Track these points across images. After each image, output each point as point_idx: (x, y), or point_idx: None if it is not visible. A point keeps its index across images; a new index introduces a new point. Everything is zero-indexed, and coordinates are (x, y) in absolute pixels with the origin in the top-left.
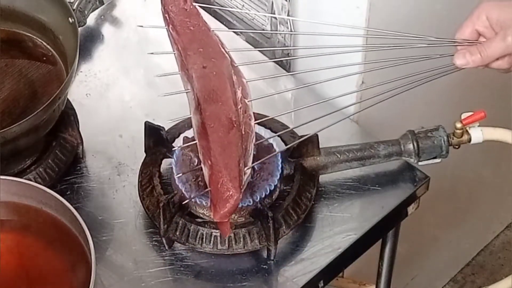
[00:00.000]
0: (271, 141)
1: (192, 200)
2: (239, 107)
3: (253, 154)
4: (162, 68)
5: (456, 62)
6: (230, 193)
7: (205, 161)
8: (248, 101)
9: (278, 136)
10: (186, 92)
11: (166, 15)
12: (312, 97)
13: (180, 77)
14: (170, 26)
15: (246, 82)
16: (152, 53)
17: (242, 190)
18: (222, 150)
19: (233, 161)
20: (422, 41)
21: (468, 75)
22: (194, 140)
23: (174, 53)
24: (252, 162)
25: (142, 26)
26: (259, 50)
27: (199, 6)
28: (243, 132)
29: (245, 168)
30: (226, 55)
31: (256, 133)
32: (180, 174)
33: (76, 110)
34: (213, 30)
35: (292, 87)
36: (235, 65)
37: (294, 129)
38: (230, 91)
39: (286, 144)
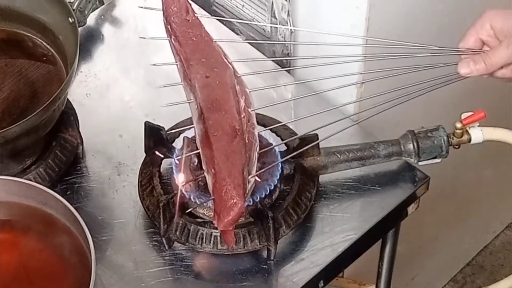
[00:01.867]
0: (271, 141)
1: (192, 199)
2: (242, 116)
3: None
4: (162, 68)
5: (460, 71)
6: (234, 201)
7: (209, 169)
8: (252, 111)
9: (278, 136)
10: (189, 102)
11: (169, 26)
12: (313, 99)
13: (183, 87)
14: (173, 37)
15: (249, 92)
16: (154, 64)
17: (247, 198)
18: (226, 158)
19: (236, 169)
20: (425, 50)
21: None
22: (194, 140)
23: (177, 64)
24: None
25: (144, 38)
26: (260, 55)
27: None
28: (247, 141)
29: (249, 177)
30: (229, 65)
31: (259, 134)
32: (184, 183)
33: (76, 110)
34: (215, 41)
35: (293, 89)
36: (238, 75)
37: (294, 130)
38: (233, 100)
39: (287, 146)
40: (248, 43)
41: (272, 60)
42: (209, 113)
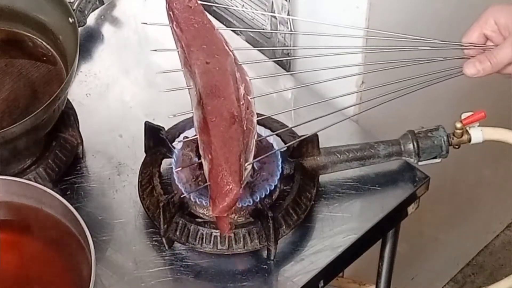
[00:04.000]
0: (271, 141)
1: (192, 198)
2: (241, 103)
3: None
4: (162, 67)
5: (467, 72)
6: (230, 187)
7: (205, 155)
8: (251, 98)
9: (278, 135)
10: (189, 88)
11: (171, 12)
12: (312, 96)
13: (183, 74)
14: (174, 23)
15: (249, 80)
16: (155, 50)
17: (242, 185)
18: (223, 144)
19: (233, 156)
20: (427, 43)
21: None
22: (194, 140)
23: (178, 51)
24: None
25: (146, 23)
26: (259, 50)
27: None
28: (245, 128)
29: (246, 164)
30: (230, 52)
31: (259, 134)
32: (180, 168)
33: (76, 110)
34: (217, 29)
35: (292, 86)
36: (239, 63)
37: (294, 129)
38: (233, 86)
39: (286, 144)
40: (247, 40)
41: (273, 61)
42: (208, 99)
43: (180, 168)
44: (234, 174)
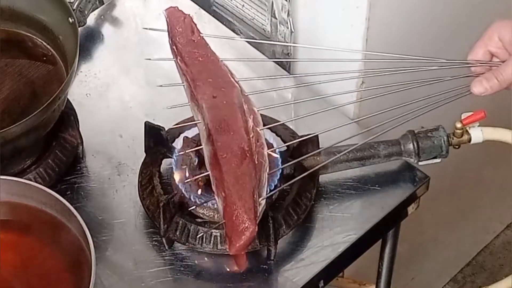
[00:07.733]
0: (271, 141)
1: (192, 199)
2: (251, 135)
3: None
4: (162, 68)
5: (474, 91)
6: (246, 225)
7: (219, 192)
8: (260, 130)
9: (281, 138)
10: (197, 123)
11: (174, 47)
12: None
13: (190, 108)
14: (178, 57)
15: (257, 110)
16: (161, 86)
17: (258, 221)
18: (236, 181)
19: (247, 193)
20: (432, 63)
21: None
22: (194, 139)
23: (183, 84)
24: None
25: (149, 59)
26: (272, 60)
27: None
28: (256, 162)
29: (260, 199)
30: (236, 84)
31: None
32: (194, 204)
33: (76, 110)
34: (221, 60)
35: (293, 90)
36: (245, 93)
37: (294, 130)
38: (242, 120)
39: (286, 146)
40: (247, 41)
41: (273, 61)
42: (217, 135)
43: (194, 204)
44: (249, 212)
